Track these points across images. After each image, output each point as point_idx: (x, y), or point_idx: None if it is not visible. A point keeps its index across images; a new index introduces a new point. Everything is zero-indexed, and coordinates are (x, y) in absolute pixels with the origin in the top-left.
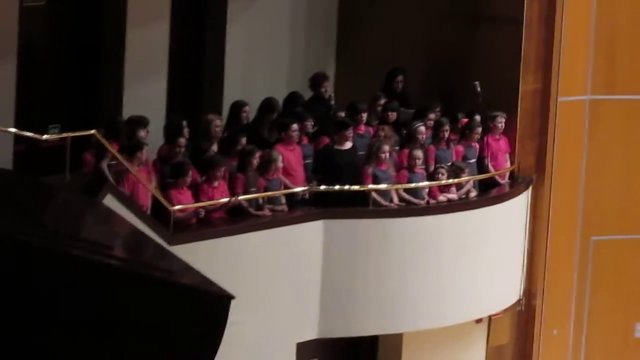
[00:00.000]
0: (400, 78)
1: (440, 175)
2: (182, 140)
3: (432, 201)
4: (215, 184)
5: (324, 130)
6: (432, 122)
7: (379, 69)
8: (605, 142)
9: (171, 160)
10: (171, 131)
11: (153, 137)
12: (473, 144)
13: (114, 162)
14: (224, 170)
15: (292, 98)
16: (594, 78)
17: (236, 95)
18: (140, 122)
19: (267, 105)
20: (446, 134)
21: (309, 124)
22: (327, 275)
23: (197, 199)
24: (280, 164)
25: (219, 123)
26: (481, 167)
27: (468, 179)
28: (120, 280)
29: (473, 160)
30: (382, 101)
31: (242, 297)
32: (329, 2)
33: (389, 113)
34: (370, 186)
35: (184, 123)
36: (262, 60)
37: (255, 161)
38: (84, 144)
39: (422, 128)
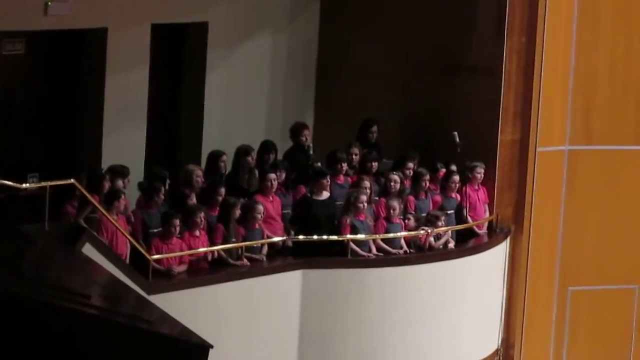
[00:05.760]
0: (374, 128)
1: (407, 221)
2: (162, 190)
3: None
4: (197, 233)
5: (303, 179)
6: (410, 172)
7: (357, 118)
8: (583, 193)
9: (150, 210)
10: (153, 183)
11: (132, 186)
12: (452, 194)
13: (93, 215)
14: (204, 220)
15: (265, 147)
16: (572, 128)
17: (215, 143)
18: (120, 172)
19: (242, 151)
20: (426, 184)
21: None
22: (306, 324)
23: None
24: (261, 215)
25: (199, 173)
26: (460, 218)
27: (447, 229)
28: (99, 329)
29: (451, 212)
30: (356, 150)
31: (221, 346)
32: (308, 51)
33: (371, 163)
34: (349, 236)
35: (166, 174)
36: (240, 108)
37: (238, 212)
38: (63, 193)
39: (395, 177)
